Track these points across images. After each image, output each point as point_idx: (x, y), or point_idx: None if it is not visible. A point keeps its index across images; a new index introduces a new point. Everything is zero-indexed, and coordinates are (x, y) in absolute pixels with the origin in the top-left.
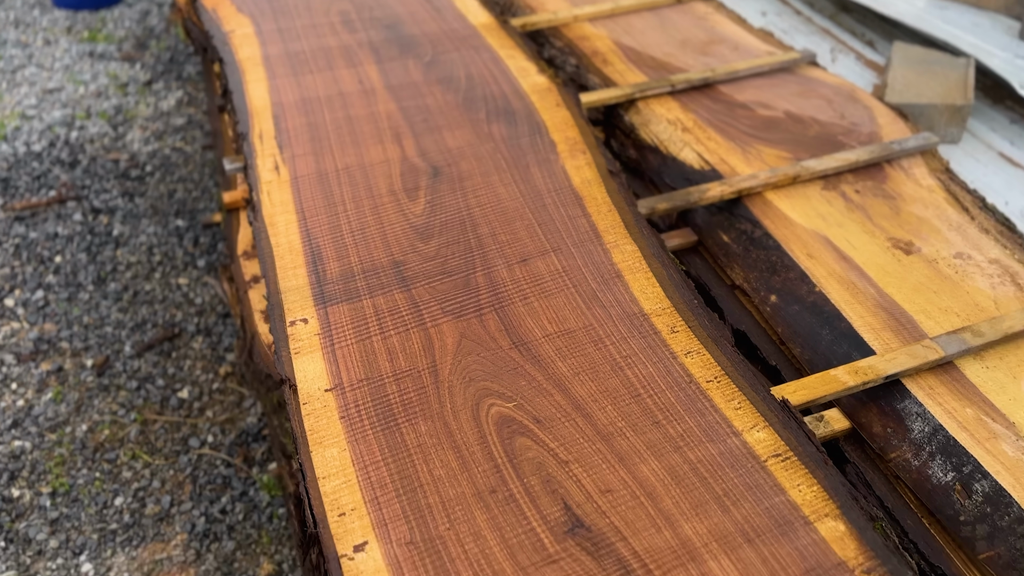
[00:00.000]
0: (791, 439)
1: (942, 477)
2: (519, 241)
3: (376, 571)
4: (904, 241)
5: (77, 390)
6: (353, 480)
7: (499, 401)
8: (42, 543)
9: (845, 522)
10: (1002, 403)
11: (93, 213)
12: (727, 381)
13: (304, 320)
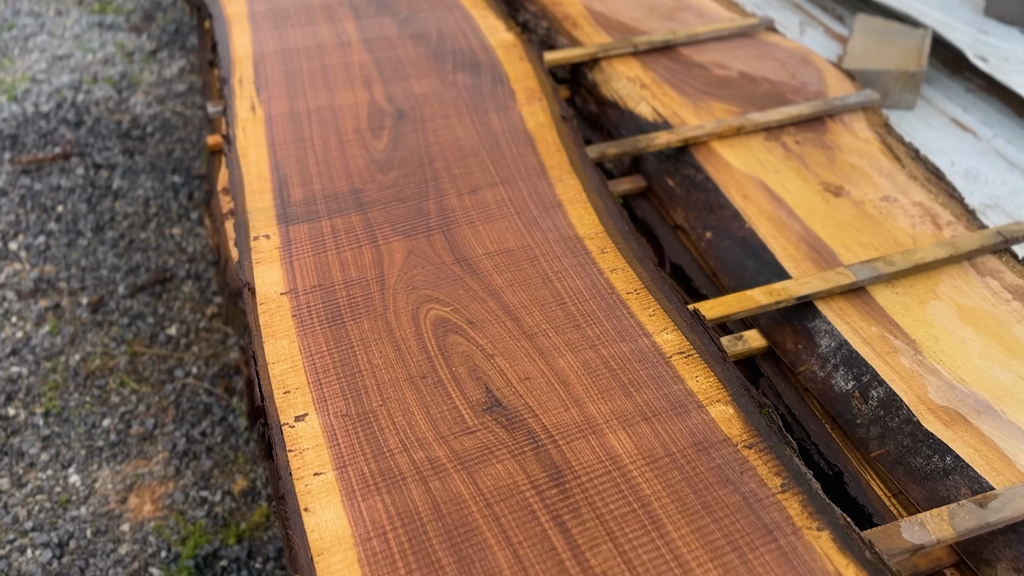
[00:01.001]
0: (696, 340)
1: (843, 386)
2: (471, 174)
3: (313, 436)
4: (835, 185)
5: (72, 325)
6: (299, 365)
7: (437, 306)
8: (34, 456)
9: (734, 407)
10: (906, 324)
11: (95, 168)
12: (645, 293)
13: (267, 236)
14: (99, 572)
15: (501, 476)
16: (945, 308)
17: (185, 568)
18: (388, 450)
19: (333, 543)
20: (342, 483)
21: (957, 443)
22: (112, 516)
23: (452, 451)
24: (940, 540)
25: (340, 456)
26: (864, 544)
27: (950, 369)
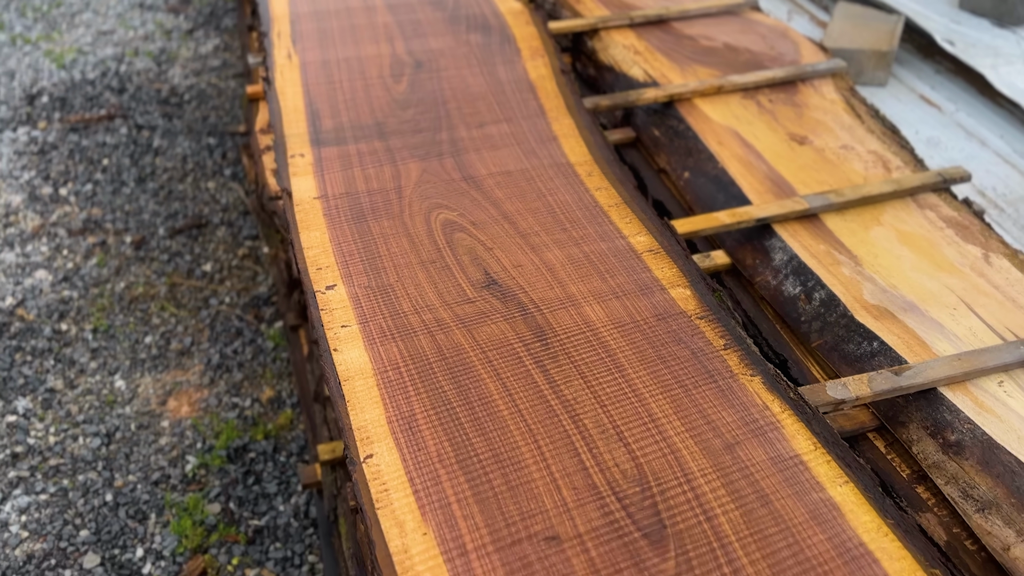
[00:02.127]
0: (664, 242)
1: (792, 291)
2: (479, 113)
3: (340, 301)
4: (800, 135)
5: (117, 259)
6: (329, 250)
7: (446, 211)
8: (84, 364)
9: (691, 290)
10: (851, 243)
11: (137, 129)
12: (624, 207)
13: (302, 155)
14: (142, 457)
15: (494, 333)
16: (886, 232)
17: (218, 457)
18: (402, 312)
19: (357, 373)
20: (364, 333)
21: (883, 332)
22: (153, 415)
23: (455, 315)
24: (859, 398)
25: (363, 314)
26: (789, 387)
27: (884, 278)
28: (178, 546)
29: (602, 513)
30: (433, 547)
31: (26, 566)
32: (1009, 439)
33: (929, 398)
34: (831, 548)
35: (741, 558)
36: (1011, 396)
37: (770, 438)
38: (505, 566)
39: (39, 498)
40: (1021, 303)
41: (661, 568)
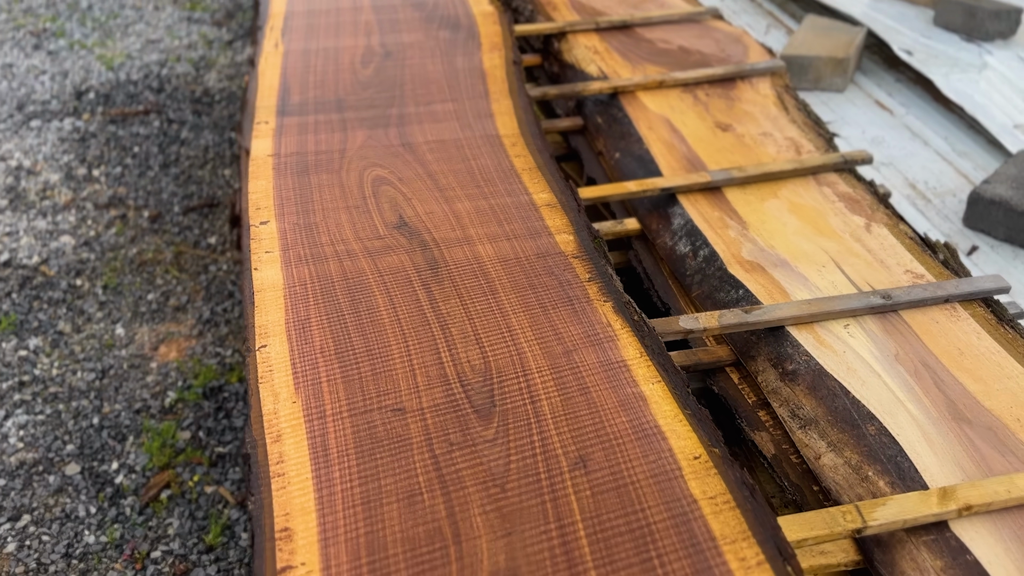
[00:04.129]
0: (562, 199)
1: (683, 250)
2: (430, 94)
3: (269, 233)
4: (725, 124)
5: (134, 230)
6: (270, 195)
7: (379, 169)
8: (91, 314)
9: (575, 236)
10: (744, 212)
11: (168, 122)
12: (536, 171)
13: (266, 122)
14: (129, 391)
15: (394, 263)
16: (780, 204)
17: (195, 394)
18: (320, 244)
19: (269, 287)
20: (283, 258)
21: (750, 282)
22: (145, 357)
23: (364, 247)
24: (706, 329)
25: (286, 244)
26: (636, 312)
27: (766, 240)
28: (148, 463)
29: (446, 394)
30: (298, 412)
31: (18, 471)
32: (839, 370)
33: (777, 335)
34: (629, 428)
35: (551, 429)
36: (853, 337)
37: (604, 347)
38: (354, 428)
39: (36, 418)
40: (889, 264)
41: (483, 434)
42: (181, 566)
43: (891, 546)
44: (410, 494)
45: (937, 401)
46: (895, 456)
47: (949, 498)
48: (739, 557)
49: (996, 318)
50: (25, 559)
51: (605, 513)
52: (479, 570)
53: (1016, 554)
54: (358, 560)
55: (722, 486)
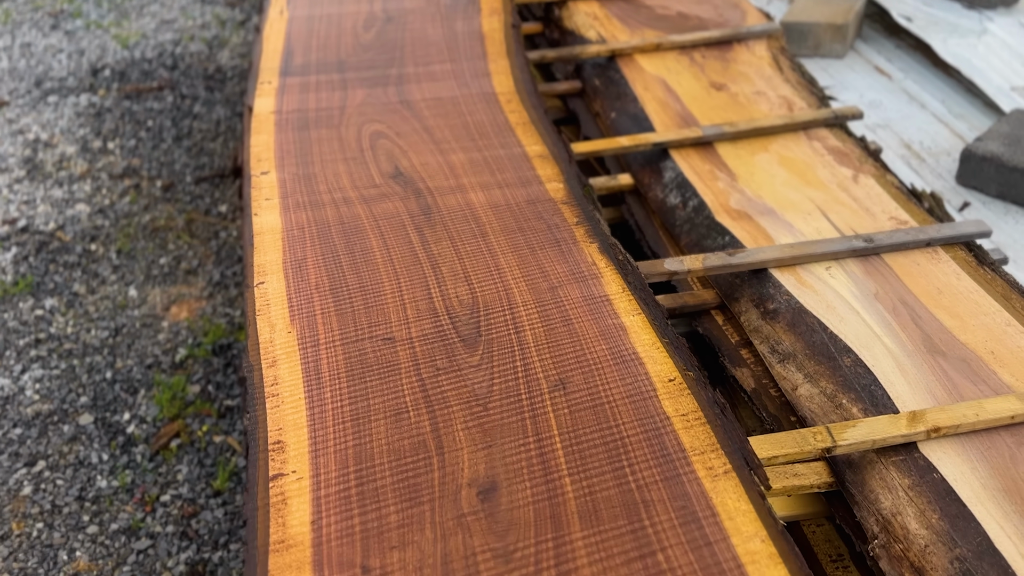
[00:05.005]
0: (554, 151)
1: (673, 202)
2: (429, 56)
3: (270, 182)
4: (720, 83)
5: (147, 198)
6: (271, 148)
7: (377, 125)
8: (105, 277)
9: (565, 184)
10: (733, 165)
11: (181, 98)
12: (531, 126)
13: (269, 82)
14: (141, 347)
15: (389, 209)
16: (769, 157)
17: (205, 350)
18: (317, 191)
19: (268, 230)
20: (282, 205)
21: (736, 229)
22: (157, 317)
23: (360, 195)
24: (691, 271)
25: (285, 192)
26: (620, 252)
27: (754, 190)
28: (159, 414)
29: (434, 326)
30: (293, 341)
31: (34, 420)
32: (819, 307)
33: (760, 277)
34: (608, 354)
35: (533, 356)
36: (834, 278)
37: (588, 284)
38: (346, 355)
39: (51, 372)
40: (874, 212)
41: (468, 360)
42: (189, 509)
43: (861, 467)
44: (397, 412)
45: (913, 336)
46: (869, 385)
47: (918, 421)
48: (707, 466)
49: (977, 260)
50: (40, 501)
51: (581, 428)
52: (460, 477)
53: (982, 472)
54: (346, 468)
55: (694, 405)
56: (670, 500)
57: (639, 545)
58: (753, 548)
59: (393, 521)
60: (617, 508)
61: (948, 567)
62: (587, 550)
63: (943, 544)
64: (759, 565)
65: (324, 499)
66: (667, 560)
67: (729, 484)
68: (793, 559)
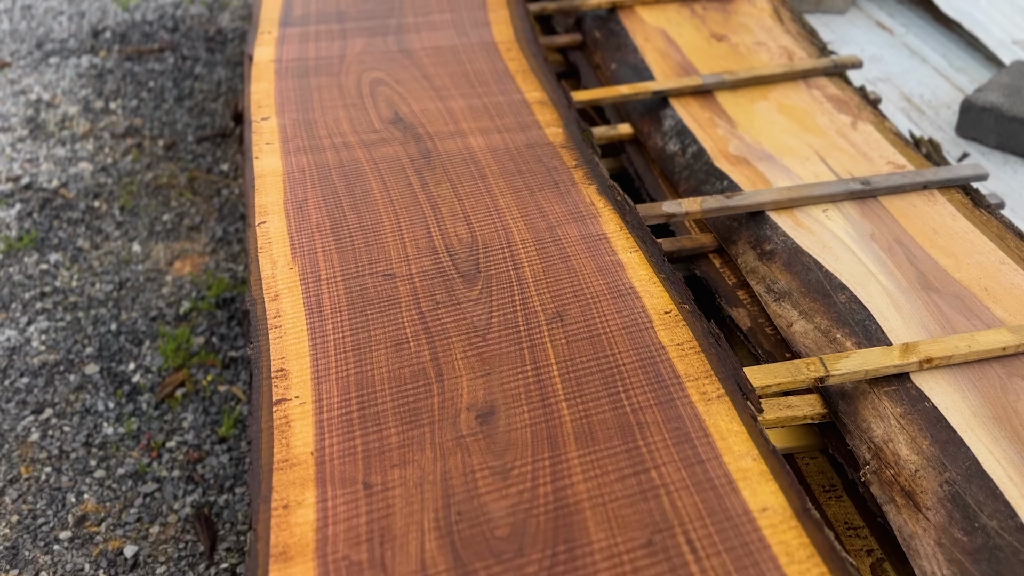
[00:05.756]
0: (554, 97)
1: (672, 149)
2: (429, 6)
3: (270, 127)
4: (721, 34)
5: (149, 157)
6: (272, 95)
7: (377, 72)
8: (109, 232)
9: (564, 129)
10: (733, 112)
11: (182, 59)
12: (530, 73)
13: (269, 32)
14: (145, 300)
15: (389, 153)
16: (769, 105)
17: (209, 303)
18: (318, 136)
19: (269, 173)
20: (283, 149)
21: (735, 174)
22: (160, 271)
23: (360, 139)
24: (688, 213)
25: (285, 137)
26: (619, 193)
27: (753, 137)
28: (164, 364)
29: (434, 263)
30: (295, 276)
31: (40, 370)
32: (815, 247)
33: (757, 220)
34: (606, 289)
35: (531, 290)
36: (831, 220)
37: (587, 223)
38: (347, 289)
39: (57, 324)
40: (872, 157)
41: (467, 295)
42: (195, 454)
43: (854, 398)
44: (397, 342)
45: (908, 273)
46: (863, 320)
47: (911, 352)
48: (700, 391)
49: (973, 202)
50: (48, 447)
51: (578, 357)
52: (459, 402)
53: (973, 401)
54: (348, 394)
55: (689, 335)
56: (664, 422)
57: (633, 463)
58: (744, 466)
59: (394, 442)
60: (612, 430)
61: (938, 490)
62: (583, 468)
63: (933, 469)
64: (750, 481)
65: (327, 422)
66: (660, 477)
67: (722, 407)
68: (784, 476)
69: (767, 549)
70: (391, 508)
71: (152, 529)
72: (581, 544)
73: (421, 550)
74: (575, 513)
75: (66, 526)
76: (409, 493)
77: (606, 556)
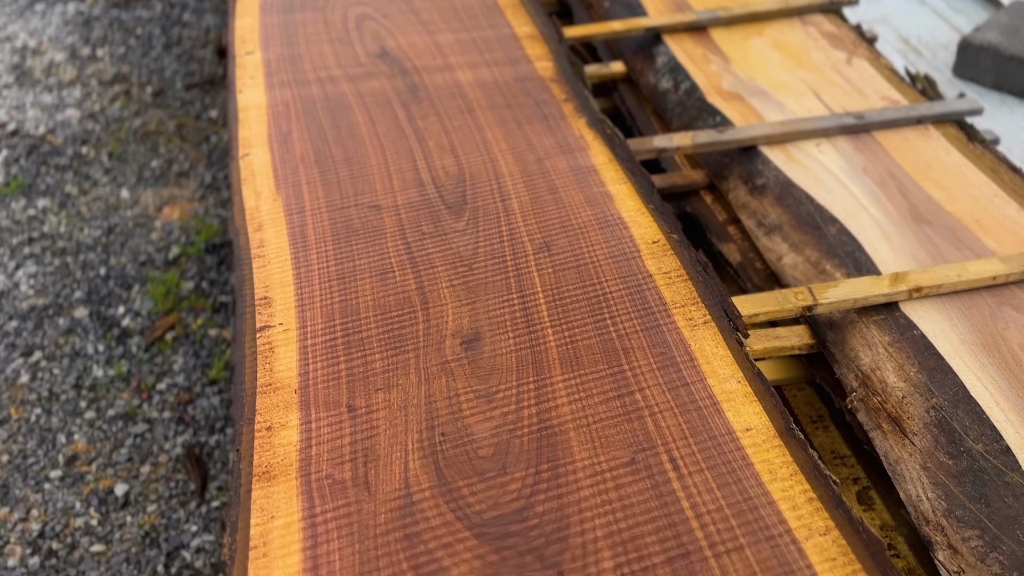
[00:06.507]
0: (544, 31)
1: (665, 86)
2: None
3: (255, 62)
4: None
5: (137, 104)
6: (256, 30)
7: (363, 7)
8: (97, 179)
9: (554, 63)
10: (728, 49)
11: (170, 6)
12: (519, 6)
13: None
14: (134, 246)
15: (375, 87)
16: (764, 41)
17: (198, 248)
18: (303, 70)
19: (253, 106)
20: (267, 83)
21: (727, 109)
22: (149, 217)
23: (346, 74)
24: (680, 147)
25: (270, 71)
26: (608, 126)
27: (747, 73)
28: (153, 308)
29: (420, 194)
30: (279, 207)
31: (29, 314)
32: (806, 181)
33: (749, 155)
34: (594, 219)
35: (519, 222)
36: (824, 154)
37: (576, 155)
38: (332, 220)
39: (46, 268)
40: (866, 92)
41: (454, 226)
42: (185, 396)
43: (843, 327)
44: (383, 271)
45: (900, 206)
46: (853, 252)
47: (900, 281)
48: (687, 317)
49: (967, 137)
50: (38, 388)
51: (565, 286)
52: (444, 329)
53: (961, 329)
54: (332, 321)
55: (676, 263)
56: (650, 347)
57: (618, 386)
58: (729, 388)
59: (378, 367)
60: (598, 355)
61: (924, 416)
62: (567, 391)
63: (920, 395)
64: (734, 403)
65: (310, 348)
66: (644, 399)
67: (708, 333)
68: (768, 398)
69: (750, 467)
70: (375, 430)
71: (143, 469)
72: (564, 463)
73: (405, 469)
74: (559, 434)
75: (56, 466)
76: (393, 415)
77: (589, 474)
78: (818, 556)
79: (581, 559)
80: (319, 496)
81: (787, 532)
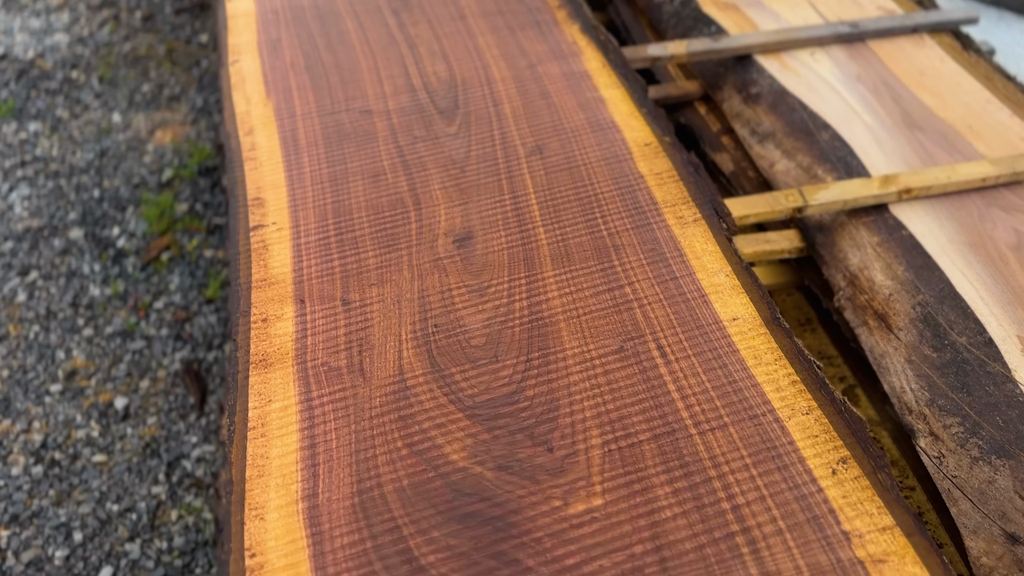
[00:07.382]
0: None
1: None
2: None
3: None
4: None
5: (126, 28)
6: None
7: None
8: (88, 103)
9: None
10: None
11: None
12: None
13: None
14: (127, 168)
15: None
16: None
17: (191, 171)
18: None
19: (242, 15)
20: None
21: (722, 18)
22: (141, 140)
23: None
24: (674, 56)
25: None
26: (602, 32)
27: None
28: (148, 229)
29: (411, 100)
30: (270, 112)
31: (24, 235)
32: (800, 89)
33: (744, 64)
34: (586, 123)
35: (511, 126)
36: (818, 62)
37: (568, 61)
38: (323, 125)
39: (39, 191)
40: (861, 2)
41: (446, 130)
42: (182, 314)
43: (832, 230)
44: (375, 174)
45: (892, 113)
46: (845, 157)
47: (890, 183)
48: (677, 216)
49: (962, 46)
50: (35, 307)
51: (556, 187)
52: (437, 228)
53: (949, 229)
54: (325, 221)
55: (668, 165)
56: (639, 244)
57: (608, 280)
58: (717, 281)
59: (372, 264)
60: (588, 251)
61: (910, 311)
62: (558, 285)
63: (906, 292)
64: (721, 295)
65: (304, 246)
66: (634, 292)
67: (698, 230)
68: (755, 289)
69: (735, 353)
70: (369, 321)
71: (142, 383)
72: (555, 351)
73: (399, 357)
74: (549, 325)
75: (56, 380)
76: (387, 308)
77: (579, 361)
78: (800, 433)
79: (570, 436)
80: (315, 381)
81: (770, 412)
